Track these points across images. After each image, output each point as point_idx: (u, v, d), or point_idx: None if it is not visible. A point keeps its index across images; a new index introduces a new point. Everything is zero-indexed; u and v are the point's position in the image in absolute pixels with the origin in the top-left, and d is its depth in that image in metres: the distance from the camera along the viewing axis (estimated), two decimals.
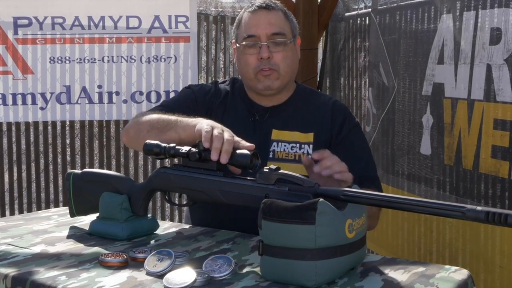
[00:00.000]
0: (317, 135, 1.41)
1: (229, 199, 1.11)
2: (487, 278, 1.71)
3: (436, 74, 1.96)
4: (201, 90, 1.48)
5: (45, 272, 1.01)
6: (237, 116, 1.44)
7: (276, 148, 1.40)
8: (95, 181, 1.28)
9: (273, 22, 1.40)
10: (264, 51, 1.38)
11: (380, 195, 0.98)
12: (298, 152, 1.39)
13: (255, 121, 1.42)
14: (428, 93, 2.01)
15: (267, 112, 1.43)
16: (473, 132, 1.74)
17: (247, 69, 1.41)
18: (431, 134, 1.98)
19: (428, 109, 2.01)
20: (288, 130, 1.41)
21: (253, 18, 1.41)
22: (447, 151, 1.89)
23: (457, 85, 1.82)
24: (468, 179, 1.77)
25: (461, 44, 1.80)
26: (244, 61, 1.41)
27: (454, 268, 1.04)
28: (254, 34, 1.39)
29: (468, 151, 1.77)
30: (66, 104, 2.85)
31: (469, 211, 0.89)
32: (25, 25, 2.80)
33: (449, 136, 1.87)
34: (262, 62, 1.39)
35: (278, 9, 1.43)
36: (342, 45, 3.28)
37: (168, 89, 2.90)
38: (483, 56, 1.69)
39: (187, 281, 0.94)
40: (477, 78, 1.72)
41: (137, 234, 1.23)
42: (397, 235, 2.27)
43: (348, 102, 3.30)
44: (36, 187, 3.57)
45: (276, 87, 1.41)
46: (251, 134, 1.39)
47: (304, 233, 0.93)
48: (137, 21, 2.85)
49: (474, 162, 1.74)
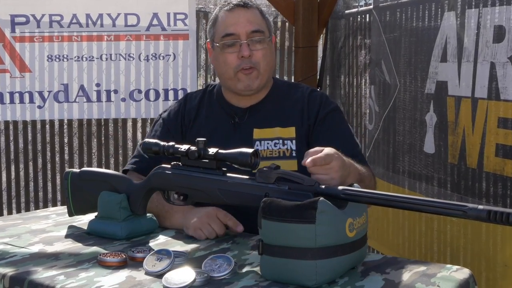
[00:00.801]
0: (298, 129, 1.40)
1: (229, 198, 1.11)
2: (489, 276, 1.71)
3: (439, 72, 1.95)
4: (171, 117, 1.46)
5: (43, 271, 1.01)
6: (216, 121, 1.43)
7: (260, 147, 1.39)
8: (94, 180, 1.28)
9: (252, 20, 1.38)
10: (245, 49, 1.36)
11: (381, 194, 0.97)
12: (282, 148, 1.38)
13: (235, 123, 1.42)
14: (431, 91, 2.00)
15: (246, 112, 1.42)
16: (477, 131, 1.73)
17: (226, 69, 1.39)
18: (435, 132, 1.97)
19: (431, 107, 2.00)
20: (269, 127, 1.40)
21: (230, 16, 1.39)
22: (451, 149, 1.88)
23: (460, 83, 1.82)
24: (472, 177, 1.77)
25: (464, 42, 1.79)
26: (223, 60, 1.39)
27: (456, 267, 1.03)
28: (233, 32, 1.37)
29: (472, 149, 1.76)
30: (64, 102, 2.84)
31: (470, 210, 0.88)
32: (22, 23, 2.78)
33: (453, 134, 1.86)
34: (243, 61, 1.37)
35: (254, 7, 1.42)
36: (342, 43, 3.26)
37: (167, 87, 2.89)
38: (487, 54, 1.69)
39: (186, 280, 0.94)
40: (480, 76, 1.71)
41: (136, 233, 1.23)
42: (398, 234, 2.27)
43: (348, 100, 3.29)
44: (34, 186, 3.56)
45: (256, 86, 1.39)
46: (232, 137, 1.39)
47: (305, 232, 0.92)
48: (135, 18, 2.83)
49: (478, 160, 1.73)
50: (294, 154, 1.37)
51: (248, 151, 1.09)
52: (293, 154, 1.37)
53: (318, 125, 1.39)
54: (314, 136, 1.39)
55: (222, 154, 1.11)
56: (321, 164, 1.05)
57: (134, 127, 3.67)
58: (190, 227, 1.23)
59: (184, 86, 2.86)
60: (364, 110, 3.09)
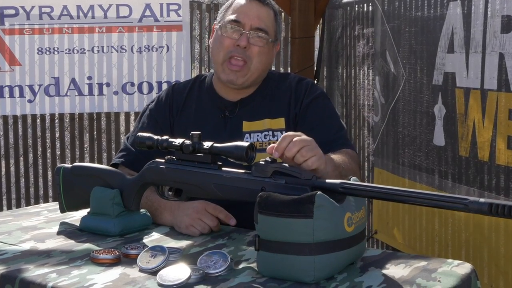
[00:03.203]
0: (287, 120, 1.40)
1: (224, 193, 1.09)
2: (491, 270, 1.70)
3: (446, 63, 1.94)
4: (159, 108, 1.45)
5: (35, 269, 1.00)
6: (206, 114, 1.43)
7: (250, 140, 1.39)
8: (86, 176, 1.26)
9: (262, 18, 1.39)
10: (244, 39, 1.36)
11: (380, 188, 0.96)
12: (272, 140, 1.38)
13: (226, 117, 1.41)
14: (438, 82, 1.99)
15: (236, 106, 1.42)
16: (488, 123, 1.72)
17: (219, 51, 1.39)
18: (444, 125, 1.96)
19: (439, 99, 1.99)
20: (258, 120, 1.40)
21: (244, 6, 1.40)
22: (461, 142, 1.87)
23: (469, 74, 1.80)
24: (485, 170, 1.76)
25: (471, 32, 1.77)
26: (220, 41, 1.39)
27: (457, 262, 1.02)
28: (240, 20, 1.38)
29: (483, 142, 1.75)
30: (55, 96, 2.80)
31: (471, 203, 0.87)
32: (11, 15, 2.73)
33: (463, 126, 1.85)
34: (237, 49, 1.37)
35: (271, 8, 1.43)
36: (340, 33, 3.24)
37: (161, 80, 2.86)
38: (495, 45, 1.67)
39: (182, 277, 0.93)
40: (489, 67, 1.70)
41: (130, 229, 1.21)
42: (414, 227, 2.24)
43: (346, 92, 3.27)
44: (25, 182, 3.53)
45: (240, 83, 1.39)
46: (222, 130, 1.39)
47: (302, 227, 0.91)
48: (127, 9, 2.80)
49: (490, 153, 1.72)
50: None
51: (244, 145, 1.07)
52: None
53: (302, 112, 1.40)
54: (299, 124, 1.39)
55: (217, 148, 1.10)
56: (284, 147, 1.04)
57: (127, 121, 3.64)
58: (182, 225, 1.22)
59: (178, 78, 2.83)
60: (363, 102, 3.08)
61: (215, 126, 1.40)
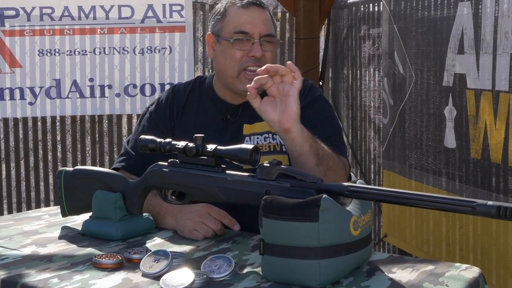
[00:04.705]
0: None
1: (228, 196, 1.08)
2: (499, 274, 1.68)
3: (456, 64, 1.92)
4: (159, 111, 1.45)
5: (36, 274, 0.99)
6: (207, 117, 1.42)
7: (250, 142, 1.38)
8: (88, 179, 1.25)
9: (266, 22, 1.39)
10: (258, 49, 1.36)
11: (387, 191, 0.95)
12: (272, 143, 1.38)
13: (227, 120, 1.41)
14: (449, 84, 1.97)
15: (238, 109, 1.42)
16: (500, 124, 1.70)
17: (232, 65, 1.38)
18: (455, 126, 1.94)
19: (450, 100, 1.97)
20: (258, 122, 1.39)
21: (245, 14, 1.38)
22: (472, 144, 1.85)
23: (480, 75, 1.79)
24: (496, 173, 1.74)
25: (482, 33, 1.76)
26: (230, 55, 1.38)
27: (465, 266, 1.01)
28: (247, 31, 1.37)
29: (495, 144, 1.73)
30: (56, 98, 2.80)
31: (479, 206, 0.86)
32: (12, 16, 2.73)
33: (474, 128, 1.83)
34: (250, 59, 1.36)
35: (266, 8, 1.43)
36: (345, 34, 3.22)
37: (163, 82, 2.85)
38: (506, 46, 1.66)
39: (185, 282, 0.92)
40: (500, 68, 1.68)
41: (132, 234, 1.20)
42: (422, 230, 2.22)
43: (352, 93, 3.25)
44: (25, 186, 3.51)
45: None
46: (223, 134, 1.39)
47: (307, 231, 0.90)
48: (129, 10, 2.79)
49: (502, 155, 1.70)
50: (284, 149, 1.36)
51: (248, 147, 1.07)
52: (283, 149, 1.36)
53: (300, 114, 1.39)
54: None
55: (221, 151, 1.09)
56: (274, 70, 1.11)
57: (129, 123, 3.62)
58: (185, 229, 1.21)
59: (181, 80, 2.82)
60: (369, 103, 3.06)
61: (216, 129, 1.39)
